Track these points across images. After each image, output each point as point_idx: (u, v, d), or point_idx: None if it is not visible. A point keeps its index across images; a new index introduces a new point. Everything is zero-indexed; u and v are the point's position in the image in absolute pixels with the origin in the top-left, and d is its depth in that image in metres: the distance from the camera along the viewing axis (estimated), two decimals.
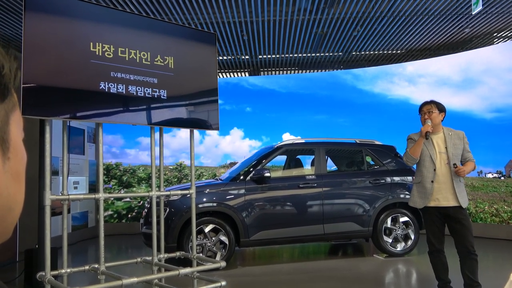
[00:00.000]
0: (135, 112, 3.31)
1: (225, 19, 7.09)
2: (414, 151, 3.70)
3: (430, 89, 8.50)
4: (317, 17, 7.11)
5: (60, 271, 3.07)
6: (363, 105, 9.39)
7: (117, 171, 9.23)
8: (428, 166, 3.70)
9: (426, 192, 3.69)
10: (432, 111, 3.72)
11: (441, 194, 3.63)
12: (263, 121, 9.87)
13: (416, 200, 3.78)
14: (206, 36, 3.82)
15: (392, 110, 9.09)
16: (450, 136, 3.74)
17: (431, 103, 3.79)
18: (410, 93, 8.97)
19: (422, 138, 3.66)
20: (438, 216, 3.67)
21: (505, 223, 7.24)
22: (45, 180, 2.88)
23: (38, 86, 2.76)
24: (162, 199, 3.70)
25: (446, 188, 3.62)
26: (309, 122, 9.61)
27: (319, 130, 9.39)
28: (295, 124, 9.66)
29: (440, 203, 3.63)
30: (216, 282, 3.25)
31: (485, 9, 6.93)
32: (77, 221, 7.93)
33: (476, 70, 8.06)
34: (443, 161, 3.68)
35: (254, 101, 9.90)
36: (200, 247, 5.21)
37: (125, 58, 3.20)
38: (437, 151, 3.70)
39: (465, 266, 3.57)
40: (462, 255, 3.59)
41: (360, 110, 9.38)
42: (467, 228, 3.57)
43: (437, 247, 3.72)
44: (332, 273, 5.08)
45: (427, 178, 3.69)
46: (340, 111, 9.60)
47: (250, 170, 5.67)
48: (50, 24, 2.86)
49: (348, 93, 9.60)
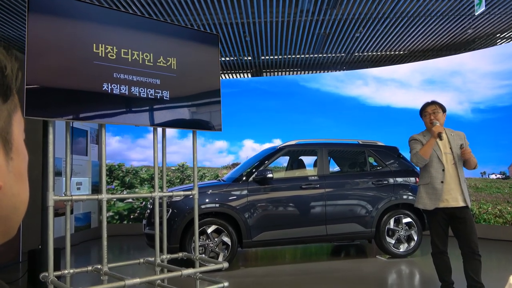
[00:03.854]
0: (138, 113, 3.31)
1: (227, 20, 7.10)
2: (425, 152, 3.65)
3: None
4: (320, 18, 7.11)
5: (63, 272, 3.08)
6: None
7: (120, 172, 9.25)
8: (437, 166, 3.67)
9: (436, 193, 3.64)
10: (437, 112, 3.71)
11: (450, 194, 3.61)
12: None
13: (426, 202, 3.71)
14: (208, 37, 3.83)
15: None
16: (452, 136, 3.73)
17: (434, 103, 3.78)
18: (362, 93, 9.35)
19: (434, 139, 3.62)
20: (444, 217, 3.66)
21: (508, 224, 7.21)
22: (48, 181, 2.89)
23: (41, 87, 2.77)
24: (165, 200, 3.70)
25: (455, 188, 3.61)
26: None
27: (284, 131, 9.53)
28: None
29: (450, 203, 3.60)
30: (219, 283, 3.25)
31: (488, 10, 6.91)
32: (80, 222, 7.95)
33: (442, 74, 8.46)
34: (450, 162, 3.66)
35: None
36: (202, 248, 5.21)
37: (128, 59, 3.21)
38: (443, 152, 3.69)
39: (468, 267, 3.55)
40: (465, 256, 3.58)
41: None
42: (472, 228, 3.56)
43: (441, 249, 3.70)
44: (335, 274, 5.08)
45: (436, 179, 3.65)
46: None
47: (252, 171, 5.67)
48: (53, 25, 2.87)
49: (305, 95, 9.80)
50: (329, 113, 9.55)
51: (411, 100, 8.70)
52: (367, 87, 9.40)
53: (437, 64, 8.63)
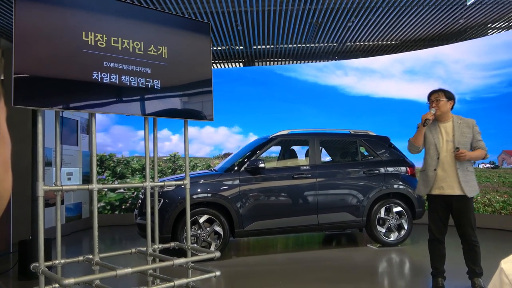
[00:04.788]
0: (129, 102, 3.28)
1: (219, 9, 7.03)
2: (416, 139, 3.76)
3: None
4: (312, 7, 7.07)
5: (54, 262, 3.07)
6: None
7: (111, 162, 9.20)
8: (432, 154, 3.74)
9: (428, 180, 3.72)
10: (440, 99, 3.73)
11: (446, 182, 3.66)
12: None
13: (420, 188, 3.84)
14: (200, 26, 3.79)
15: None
16: (459, 124, 3.73)
17: (439, 91, 3.79)
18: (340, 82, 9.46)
19: (422, 126, 3.70)
20: (442, 205, 3.71)
21: (497, 213, 7.32)
22: (38, 171, 2.86)
23: (30, 76, 2.73)
24: (156, 190, 3.69)
25: (451, 176, 3.64)
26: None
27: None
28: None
29: (445, 191, 3.66)
30: (211, 272, 3.26)
31: (480, 0, 6.92)
32: (71, 212, 7.91)
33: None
34: (449, 150, 3.69)
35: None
36: (194, 237, 5.23)
37: (118, 48, 3.16)
38: (444, 140, 3.72)
39: (467, 255, 3.67)
40: (463, 245, 3.69)
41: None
42: (469, 218, 3.61)
43: (436, 236, 3.76)
44: (326, 263, 5.12)
45: (430, 166, 3.73)
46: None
47: (244, 161, 5.67)
48: (41, 13, 2.81)
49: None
50: (308, 102, 9.59)
51: (392, 91, 8.82)
52: (347, 77, 9.44)
53: (418, 55, 8.73)
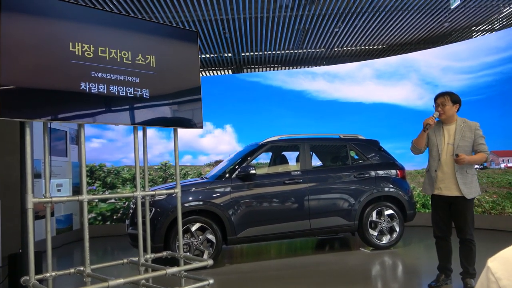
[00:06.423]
0: (118, 112, 3.27)
1: (206, 17, 7.06)
2: (417, 142, 3.91)
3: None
4: (299, 13, 7.13)
5: (45, 275, 3.03)
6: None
7: (101, 172, 9.13)
8: (434, 155, 3.86)
9: (432, 180, 3.86)
10: (446, 104, 3.79)
11: (444, 183, 3.78)
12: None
13: (426, 187, 3.95)
14: (187, 34, 3.80)
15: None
16: (462, 127, 3.79)
17: (445, 94, 3.84)
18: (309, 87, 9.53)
19: (423, 131, 3.81)
20: (442, 204, 3.83)
21: (487, 213, 7.39)
22: (27, 183, 2.84)
23: (16, 87, 2.71)
24: (147, 199, 3.67)
25: (450, 178, 3.75)
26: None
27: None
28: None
29: (442, 192, 3.79)
30: (204, 280, 3.25)
31: (464, 3, 7.04)
32: (61, 224, 7.82)
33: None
34: (449, 152, 3.78)
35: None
36: (187, 246, 5.19)
37: (105, 58, 3.16)
38: (446, 142, 3.80)
39: (461, 254, 3.79)
40: (460, 244, 3.80)
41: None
42: (466, 219, 3.72)
43: (437, 234, 3.91)
44: (320, 267, 5.12)
45: (432, 167, 3.88)
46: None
47: (235, 168, 5.67)
48: (27, 24, 2.80)
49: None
50: (274, 107, 9.63)
51: (363, 95, 9.00)
52: (316, 82, 9.53)
53: (389, 61, 8.89)
